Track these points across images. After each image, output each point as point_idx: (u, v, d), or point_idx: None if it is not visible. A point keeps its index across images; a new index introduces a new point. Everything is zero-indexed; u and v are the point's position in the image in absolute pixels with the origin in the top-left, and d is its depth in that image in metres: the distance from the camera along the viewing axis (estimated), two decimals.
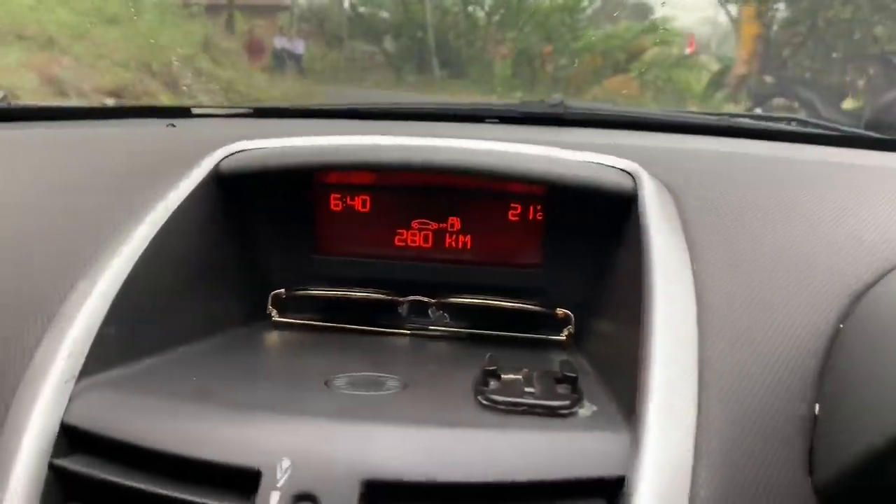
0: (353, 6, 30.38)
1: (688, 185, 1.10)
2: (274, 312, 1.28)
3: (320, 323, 1.28)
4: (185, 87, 7.10)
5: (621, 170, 1.16)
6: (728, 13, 17.89)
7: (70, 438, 0.80)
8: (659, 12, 32.18)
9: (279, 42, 23.94)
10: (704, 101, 13.82)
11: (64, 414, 0.81)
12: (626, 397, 0.84)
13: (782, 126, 1.87)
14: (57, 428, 0.80)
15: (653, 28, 21.32)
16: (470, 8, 21.82)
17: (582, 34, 19.23)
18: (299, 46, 24.12)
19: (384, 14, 26.72)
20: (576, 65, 18.70)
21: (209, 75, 8.93)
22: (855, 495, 0.73)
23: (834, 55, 11.82)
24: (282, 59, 24.12)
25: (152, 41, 8.50)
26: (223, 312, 1.16)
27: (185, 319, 1.06)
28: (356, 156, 1.15)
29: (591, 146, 1.24)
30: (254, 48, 23.39)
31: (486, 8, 20.81)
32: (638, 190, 1.09)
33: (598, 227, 1.16)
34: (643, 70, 18.63)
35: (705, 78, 18.90)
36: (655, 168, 1.17)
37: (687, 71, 19.75)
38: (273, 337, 1.18)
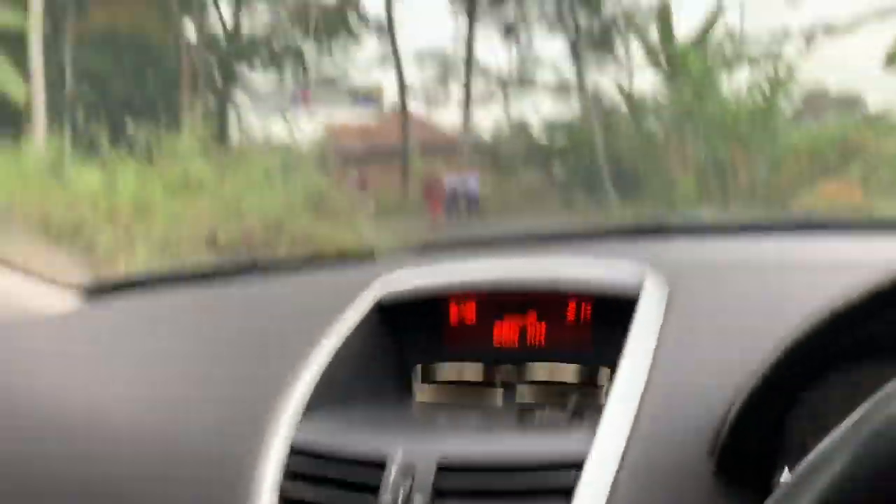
0: (525, 135, 29.07)
1: (688, 289, 1.41)
2: (416, 381, 1.66)
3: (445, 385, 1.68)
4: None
5: (638, 277, 1.46)
6: None
7: (298, 454, 1.33)
8: (870, 101, 27.50)
9: (451, 181, 22.85)
10: None
11: (293, 440, 1.35)
12: None
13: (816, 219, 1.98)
14: (288, 448, 1.34)
15: (870, 120, 17.40)
16: (646, 121, 19.25)
17: (781, 136, 15.87)
18: (472, 183, 22.85)
19: (554, 138, 24.98)
20: (776, 171, 15.33)
21: (299, 236, 7.23)
22: (737, 452, 1.04)
23: None
24: (455, 199, 22.99)
25: (230, 207, 6.99)
26: (384, 381, 1.66)
27: (362, 385, 1.59)
28: (466, 284, 1.65)
29: (662, 258, 1.57)
30: (430, 191, 22.41)
31: (664, 118, 18.12)
32: (641, 295, 1.41)
33: (623, 319, 1.44)
34: (867, 170, 14.82)
35: None
36: (676, 274, 1.45)
37: None
38: (415, 394, 1.66)
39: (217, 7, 19.81)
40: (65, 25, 14.79)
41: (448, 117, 29.27)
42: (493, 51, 27.06)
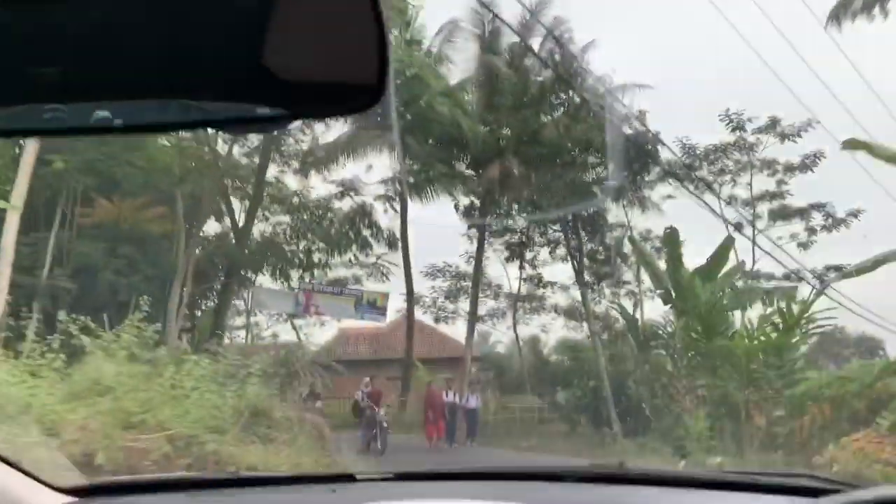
0: (531, 354, 27.88)
1: None
2: None
3: None
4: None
5: None
6: None
7: None
8: (890, 346, 26.06)
9: (450, 397, 21.40)
10: None
11: None
12: None
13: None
14: None
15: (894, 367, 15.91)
16: (654, 351, 18.01)
17: (799, 378, 14.41)
18: (473, 402, 21.30)
19: (559, 360, 23.76)
20: (796, 417, 13.68)
21: (213, 457, 5.86)
22: None
23: None
24: (454, 415, 21.40)
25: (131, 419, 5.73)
26: None
27: None
28: None
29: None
30: (430, 406, 20.88)
31: (673, 349, 16.89)
32: None
33: None
34: None
35: None
36: None
37: None
38: None
39: (230, 208, 19.89)
40: (54, 213, 14.60)
41: (456, 331, 28.50)
42: (505, 271, 26.76)
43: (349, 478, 2.22)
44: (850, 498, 1.11)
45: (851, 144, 13.43)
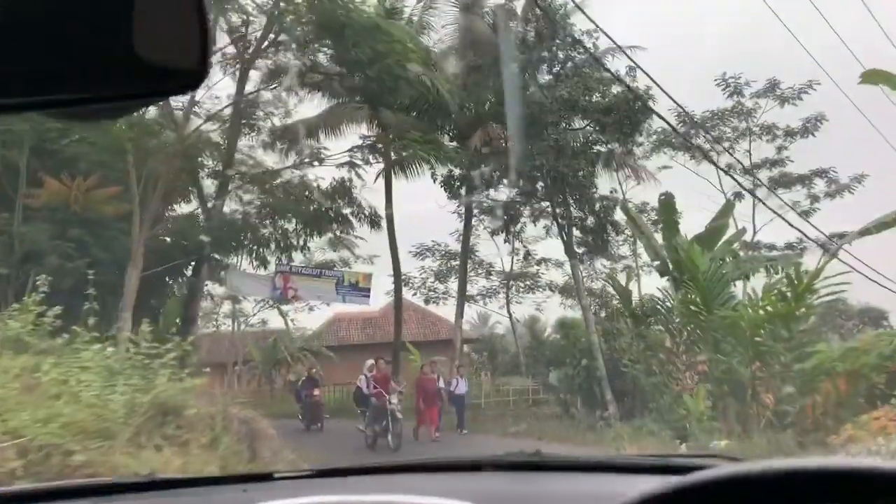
0: (526, 333, 26.48)
1: None
2: None
3: None
4: None
5: None
6: None
7: None
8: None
9: (439, 382, 20.06)
10: None
11: None
12: None
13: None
14: None
15: None
16: (652, 326, 16.60)
17: (810, 351, 12.93)
18: (461, 386, 19.97)
19: (552, 342, 22.37)
20: (808, 393, 12.26)
21: (82, 471, 4.49)
22: None
23: None
24: (442, 399, 20.10)
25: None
26: None
27: None
28: None
29: (505, 491, 1.89)
30: (420, 391, 19.59)
31: (670, 326, 15.47)
32: None
33: None
34: None
35: None
36: None
37: None
38: None
39: (197, 186, 18.42)
40: None
41: (450, 312, 27.09)
42: (497, 248, 25.25)
43: (266, 476, 2.22)
44: (717, 472, 0.95)
45: (871, 76, 11.98)
